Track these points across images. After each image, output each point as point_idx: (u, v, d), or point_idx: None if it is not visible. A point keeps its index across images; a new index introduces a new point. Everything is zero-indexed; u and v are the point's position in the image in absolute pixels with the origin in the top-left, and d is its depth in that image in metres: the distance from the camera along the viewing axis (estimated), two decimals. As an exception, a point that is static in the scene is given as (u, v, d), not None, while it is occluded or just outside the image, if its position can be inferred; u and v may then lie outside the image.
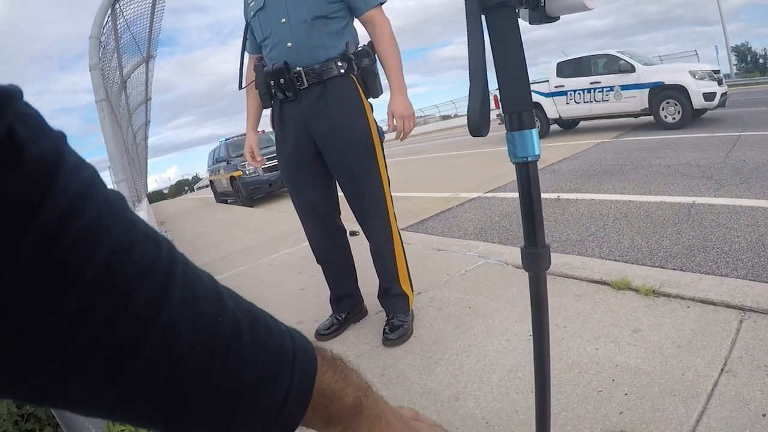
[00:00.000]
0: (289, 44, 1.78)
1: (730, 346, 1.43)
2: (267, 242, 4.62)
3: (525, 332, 1.76)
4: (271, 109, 1.96)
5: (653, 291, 1.86)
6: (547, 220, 3.49)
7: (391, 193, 1.95)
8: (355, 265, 2.16)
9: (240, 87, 2.03)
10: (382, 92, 1.94)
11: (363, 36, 1.92)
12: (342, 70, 1.81)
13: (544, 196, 4.24)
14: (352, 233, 2.54)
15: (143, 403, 0.30)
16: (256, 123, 2.11)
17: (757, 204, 3.11)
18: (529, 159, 0.55)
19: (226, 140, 10.96)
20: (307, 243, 2.13)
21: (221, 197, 11.63)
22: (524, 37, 0.52)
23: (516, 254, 2.35)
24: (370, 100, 1.91)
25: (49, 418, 1.44)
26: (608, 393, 1.34)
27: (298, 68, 1.79)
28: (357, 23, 1.91)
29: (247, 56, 2.02)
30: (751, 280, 1.96)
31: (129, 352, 0.28)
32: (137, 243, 0.29)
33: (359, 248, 2.26)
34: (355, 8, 1.84)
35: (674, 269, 2.25)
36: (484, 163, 7.60)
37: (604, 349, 1.56)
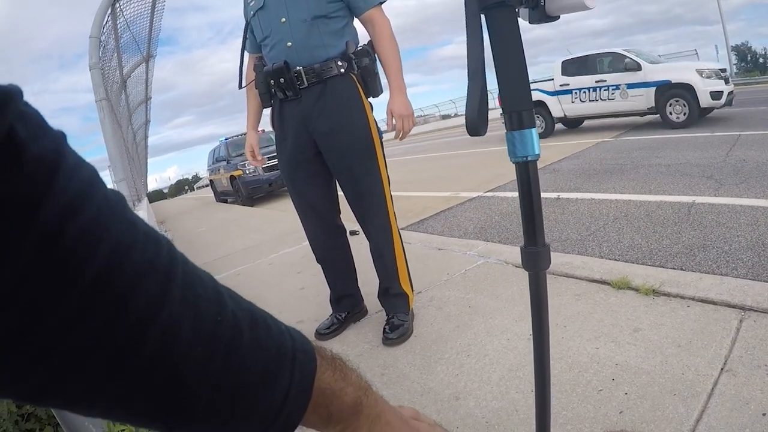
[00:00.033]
0: (289, 44, 1.78)
1: (730, 345, 1.43)
2: (267, 242, 4.62)
3: (525, 331, 1.76)
4: (270, 108, 1.96)
5: (653, 290, 1.86)
6: (547, 220, 3.49)
7: (391, 193, 1.95)
8: (355, 264, 2.16)
9: (240, 86, 2.03)
10: (382, 91, 1.93)
11: (363, 35, 1.93)
12: (342, 70, 1.81)
13: (544, 195, 4.24)
14: (352, 233, 2.54)
15: (143, 402, 0.30)
16: (256, 122, 2.11)
17: (757, 203, 3.11)
18: (529, 158, 0.55)
19: (226, 140, 10.96)
20: (307, 242, 2.13)
21: (221, 197, 11.62)
22: (524, 37, 0.52)
23: (516, 253, 2.35)
24: (370, 99, 1.91)
25: (50, 417, 1.44)
26: (608, 392, 1.34)
27: (298, 68, 1.79)
28: (357, 23, 1.91)
29: (246, 56, 2.01)
30: (751, 279, 1.96)
31: (129, 351, 0.28)
32: (137, 242, 0.29)
33: (359, 248, 2.26)
34: (355, 8, 1.84)
35: (674, 268, 2.25)
36: (484, 162, 7.60)
37: (604, 348, 1.56)
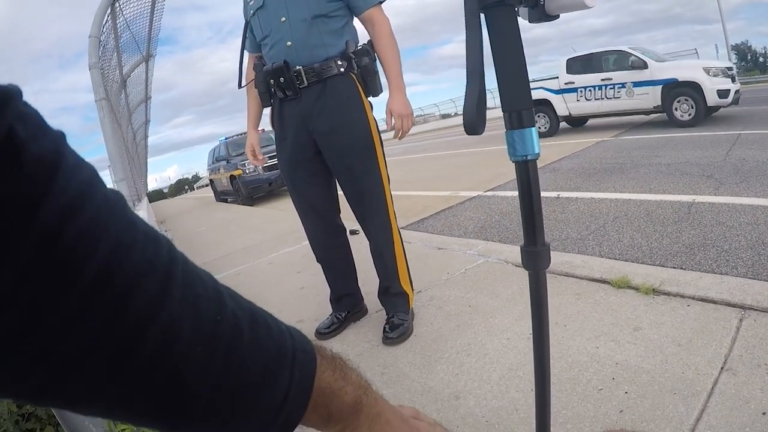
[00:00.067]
0: (289, 43, 1.78)
1: (730, 344, 1.43)
2: (267, 241, 4.62)
3: (525, 331, 1.76)
4: (270, 107, 1.96)
5: (653, 289, 1.86)
6: (547, 219, 3.49)
7: (391, 192, 1.95)
8: (355, 263, 2.16)
9: (239, 86, 2.02)
10: (382, 91, 1.93)
11: (362, 35, 1.93)
12: (342, 69, 1.81)
13: (544, 194, 4.23)
14: (352, 232, 2.54)
15: (143, 402, 0.30)
16: (256, 122, 2.11)
17: (757, 202, 3.11)
18: (529, 157, 0.55)
19: (226, 139, 10.95)
20: (307, 242, 2.13)
21: (221, 196, 11.62)
22: (524, 36, 0.52)
23: (516, 253, 2.35)
24: (370, 98, 1.91)
25: (50, 417, 1.44)
26: (608, 391, 1.34)
27: (297, 67, 1.79)
28: (357, 22, 1.91)
29: (246, 55, 2.01)
30: (751, 278, 1.96)
31: (129, 351, 0.28)
32: (137, 242, 0.29)
33: (359, 247, 2.26)
34: (355, 7, 1.83)
35: (674, 268, 2.25)
36: (484, 161, 7.60)
37: (604, 347, 1.56)
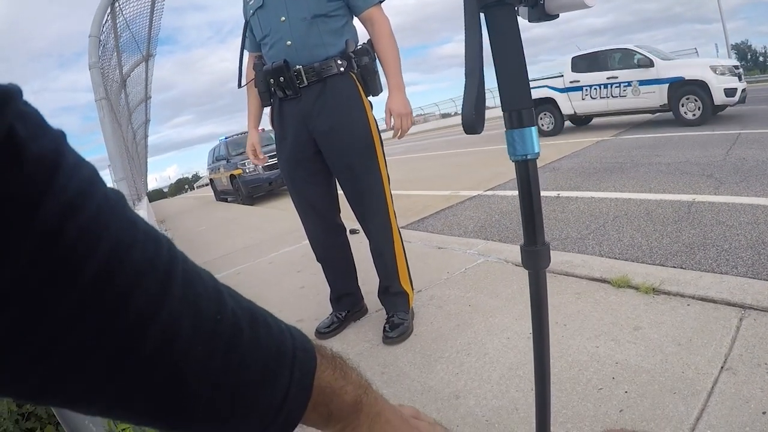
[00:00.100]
0: (289, 42, 1.78)
1: (730, 343, 1.44)
2: (267, 240, 4.62)
3: (525, 330, 1.76)
4: (270, 107, 1.96)
5: (653, 289, 1.86)
6: (547, 218, 3.49)
7: (391, 191, 1.95)
8: (355, 263, 2.16)
9: (239, 85, 2.02)
10: (382, 90, 1.93)
11: (362, 34, 1.93)
12: (342, 69, 1.81)
13: (544, 194, 4.24)
14: (352, 231, 2.54)
15: (143, 401, 0.30)
16: (257, 121, 2.11)
17: (757, 202, 3.11)
18: (529, 157, 0.55)
19: (226, 138, 10.95)
20: (307, 241, 2.13)
21: (221, 196, 11.62)
22: (523, 35, 0.52)
23: (516, 252, 2.35)
24: (370, 98, 1.91)
25: (50, 416, 1.44)
26: (608, 391, 1.34)
27: (297, 66, 1.79)
28: (356, 21, 1.90)
29: (246, 54, 2.01)
30: (751, 277, 1.96)
31: (129, 350, 0.28)
32: (137, 241, 0.29)
33: (359, 246, 2.26)
34: (355, 6, 1.83)
35: (674, 267, 2.25)
36: (484, 161, 7.59)
37: (604, 347, 1.56)
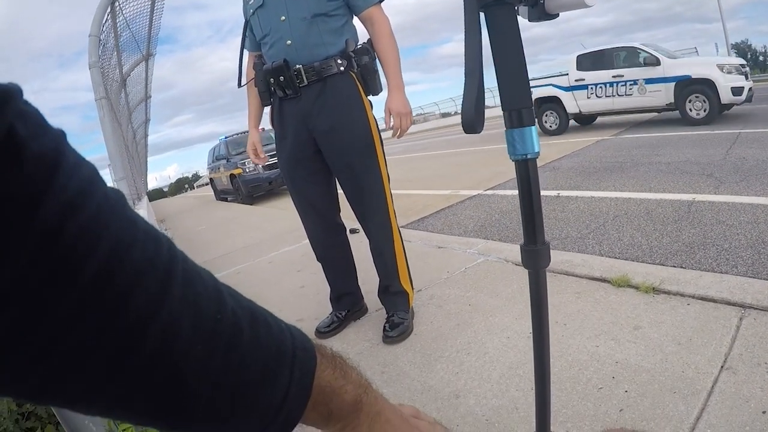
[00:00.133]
0: (289, 42, 1.78)
1: (730, 343, 1.44)
2: (267, 240, 4.62)
3: (525, 329, 1.76)
4: (270, 106, 1.96)
5: (653, 288, 1.86)
6: (547, 218, 3.49)
7: (391, 191, 1.95)
8: (355, 262, 2.16)
9: (239, 85, 2.02)
10: (382, 89, 1.93)
11: (362, 34, 1.92)
12: (342, 68, 1.81)
13: (544, 193, 4.24)
14: (352, 231, 2.54)
15: (143, 401, 0.30)
16: (257, 120, 2.11)
17: (757, 201, 3.11)
18: (529, 156, 0.55)
19: (226, 138, 10.94)
20: (307, 241, 2.14)
21: (221, 195, 11.62)
22: (523, 35, 0.52)
23: (516, 251, 2.35)
24: (370, 97, 1.91)
25: (50, 416, 1.44)
26: (608, 390, 1.34)
27: (297, 66, 1.78)
28: (356, 21, 1.90)
29: (246, 54, 2.01)
30: (751, 277, 1.96)
31: (129, 350, 0.28)
32: (137, 241, 0.29)
33: (359, 246, 2.26)
34: (355, 6, 1.83)
35: (674, 266, 2.25)
36: (484, 160, 7.59)
37: (604, 346, 1.56)
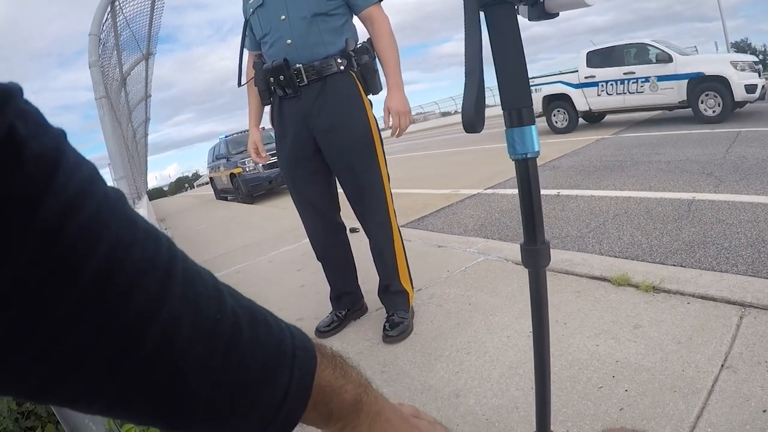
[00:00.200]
0: (289, 41, 1.77)
1: (730, 342, 1.44)
2: (267, 239, 4.62)
3: (525, 329, 1.76)
4: (270, 106, 1.96)
5: (653, 287, 1.86)
6: (547, 217, 3.49)
7: (391, 190, 1.95)
8: (355, 261, 2.16)
9: (239, 84, 2.02)
10: (382, 89, 1.93)
11: (362, 33, 1.92)
12: (342, 67, 1.81)
13: (544, 192, 4.24)
14: (352, 230, 2.54)
15: (143, 401, 0.30)
16: (258, 119, 2.11)
17: (757, 200, 3.11)
18: (529, 155, 0.55)
19: (226, 137, 10.94)
20: (307, 240, 2.14)
21: (221, 194, 11.61)
22: (523, 34, 0.52)
23: (516, 251, 2.35)
24: (370, 96, 1.91)
25: (50, 415, 1.44)
26: (608, 389, 1.34)
27: (297, 65, 1.78)
28: (356, 20, 1.90)
29: (246, 53, 2.01)
30: (751, 276, 1.96)
31: (129, 350, 0.28)
32: (137, 240, 0.29)
33: (359, 245, 2.26)
34: (355, 5, 1.83)
35: (674, 265, 2.25)
36: (484, 159, 7.59)
37: (604, 345, 1.56)
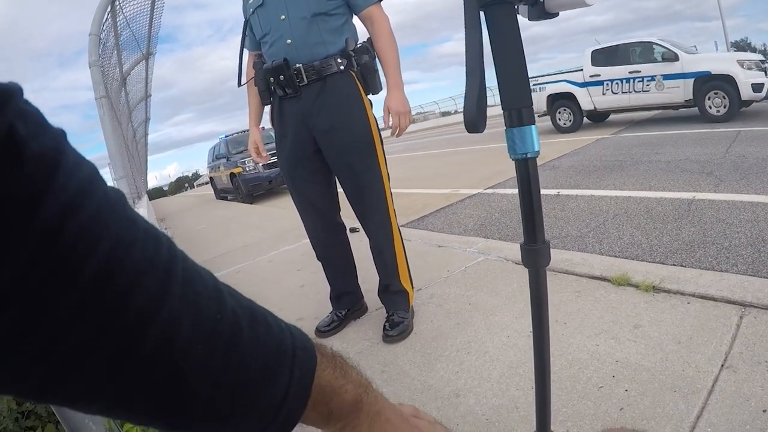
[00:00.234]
0: (289, 41, 1.77)
1: (730, 341, 1.44)
2: (267, 239, 4.62)
3: (525, 328, 1.76)
4: (270, 105, 1.96)
5: (653, 287, 1.86)
6: (547, 216, 3.49)
7: (391, 190, 1.95)
8: (355, 261, 2.16)
9: (239, 84, 2.02)
10: (382, 88, 1.93)
11: (362, 33, 1.92)
12: (342, 67, 1.81)
13: (544, 192, 4.23)
14: (352, 230, 2.54)
15: (143, 401, 0.30)
16: (258, 119, 2.11)
17: (757, 199, 3.11)
18: (529, 155, 0.55)
19: (226, 137, 10.95)
20: (307, 240, 2.14)
21: (221, 194, 11.62)
22: (523, 34, 0.52)
23: (516, 250, 2.35)
24: (370, 96, 1.91)
25: (50, 414, 1.44)
26: (609, 389, 1.34)
27: (297, 65, 1.78)
28: (356, 20, 1.90)
29: (246, 53, 2.01)
30: (751, 275, 1.96)
31: (129, 350, 0.28)
32: (137, 240, 0.29)
33: (359, 245, 2.26)
34: (354, 5, 1.83)
35: (674, 265, 2.25)
36: (484, 159, 7.58)
37: (604, 345, 1.56)
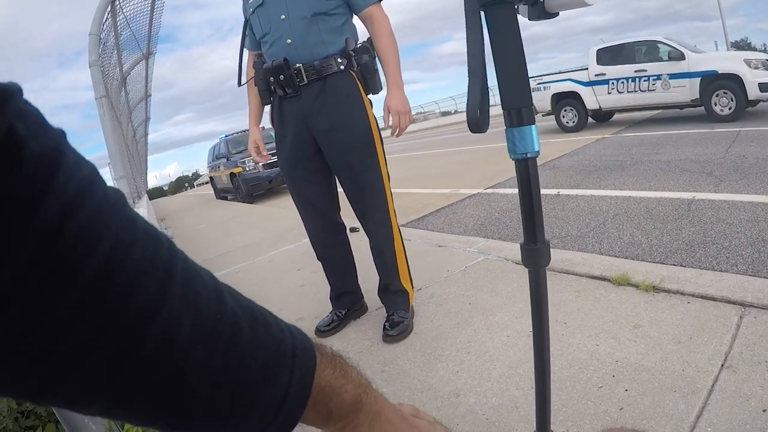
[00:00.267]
0: (289, 41, 1.77)
1: (730, 341, 1.44)
2: (267, 239, 4.62)
3: (525, 328, 1.76)
4: (270, 105, 1.96)
5: (653, 287, 1.86)
6: (547, 216, 3.49)
7: (391, 189, 1.95)
8: (355, 261, 2.16)
9: (239, 84, 2.02)
10: (382, 88, 1.93)
11: (362, 32, 1.92)
12: (342, 67, 1.81)
13: (544, 192, 4.23)
14: (352, 230, 2.54)
15: (143, 401, 0.30)
16: (258, 119, 2.11)
17: (757, 199, 3.11)
18: (529, 155, 0.55)
19: (226, 137, 10.95)
20: (307, 239, 2.14)
21: (221, 194, 11.63)
22: (523, 34, 0.52)
23: (516, 250, 2.34)
24: (370, 96, 1.91)
25: (50, 414, 1.44)
26: (608, 389, 1.34)
27: (297, 65, 1.78)
28: (356, 20, 1.90)
29: (246, 53, 2.01)
30: (751, 275, 1.96)
31: (129, 350, 0.28)
32: (137, 240, 0.29)
33: (359, 245, 2.26)
34: (354, 5, 1.83)
35: (674, 265, 2.25)
36: (484, 159, 7.58)
37: (604, 345, 1.56)
